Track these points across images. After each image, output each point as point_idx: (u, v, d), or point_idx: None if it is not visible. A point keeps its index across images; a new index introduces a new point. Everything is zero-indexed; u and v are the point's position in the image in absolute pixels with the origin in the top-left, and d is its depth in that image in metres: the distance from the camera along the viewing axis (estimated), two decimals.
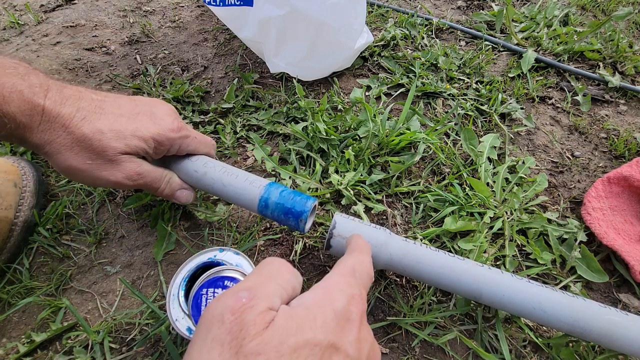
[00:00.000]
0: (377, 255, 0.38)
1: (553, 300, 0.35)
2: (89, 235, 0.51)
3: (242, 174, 0.42)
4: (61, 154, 0.35)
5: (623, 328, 0.34)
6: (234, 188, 0.41)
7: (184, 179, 0.44)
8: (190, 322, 0.33)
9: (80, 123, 0.35)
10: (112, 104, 0.39)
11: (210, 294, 0.32)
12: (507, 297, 0.36)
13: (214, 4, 0.63)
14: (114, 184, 0.38)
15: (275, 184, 0.41)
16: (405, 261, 0.38)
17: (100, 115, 0.37)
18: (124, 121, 0.38)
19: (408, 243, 0.39)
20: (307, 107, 0.61)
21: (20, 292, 0.46)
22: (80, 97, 0.37)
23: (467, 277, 0.37)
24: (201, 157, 0.44)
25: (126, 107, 0.39)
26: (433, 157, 0.58)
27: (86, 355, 0.40)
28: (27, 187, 0.51)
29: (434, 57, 0.72)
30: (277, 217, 0.40)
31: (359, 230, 0.39)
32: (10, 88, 0.32)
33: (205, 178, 0.42)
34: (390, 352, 0.41)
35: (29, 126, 0.33)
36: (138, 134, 0.38)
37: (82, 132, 0.35)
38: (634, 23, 0.83)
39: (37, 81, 0.34)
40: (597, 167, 0.58)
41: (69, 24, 0.88)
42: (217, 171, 0.42)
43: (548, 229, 0.49)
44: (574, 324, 0.35)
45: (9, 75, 0.32)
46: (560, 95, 0.69)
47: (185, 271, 0.36)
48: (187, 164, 0.43)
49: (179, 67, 0.75)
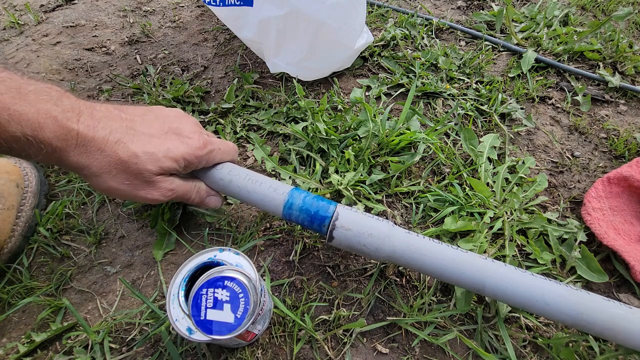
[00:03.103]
0: (379, 248, 0.38)
1: (556, 292, 0.35)
2: (89, 235, 0.51)
3: (266, 181, 0.43)
4: (100, 177, 0.37)
5: (627, 321, 0.34)
6: (258, 195, 0.42)
7: (211, 186, 0.45)
8: (190, 322, 0.33)
9: (115, 146, 0.37)
10: (142, 123, 0.40)
11: (210, 294, 0.32)
12: (510, 289, 0.36)
13: (214, 4, 0.63)
14: (150, 201, 0.41)
15: (298, 189, 0.42)
16: (408, 253, 0.38)
17: (133, 136, 0.38)
18: (156, 142, 0.39)
19: (411, 235, 0.39)
20: (307, 107, 0.61)
21: (20, 292, 0.46)
22: (110, 117, 0.38)
23: (470, 269, 0.37)
24: (225, 165, 0.45)
25: (155, 125, 0.41)
26: (433, 157, 0.58)
27: (86, 355, 0.40)
28: (29, 188, 0.51)
29: (434, 57, 0.72)
30: (301, 222, 0.42)
31: (362, 221, 0.39)
32: (45, 114, 0.33)
33: (231, 185, 0.44)
34: (390, 352, 0.41)
35: (65, 150, 0.35)
36: (170, 155, 0.39)
37: (118, 156, 0.37)
38: (634, 23, 0.83)
39: (69, 105, 0.35)
40: (597, 167, 0.58)
41: (69, 24, 0.88)
42: (241, 179, 0.43)
43: (548, 229, 0.49)
44: (577, 317, 0.34)
45: (43, 101, 0.33)
46: (560, 95, 0.69)
47: (185, 271, 0.36)
48: (213, 173, 0.44)
49: (179, 67, 0.75)
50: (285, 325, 0.42)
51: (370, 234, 0.38)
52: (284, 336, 0.42)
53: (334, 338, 0.42)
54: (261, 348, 0.41)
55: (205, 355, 0.40)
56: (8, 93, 0.31)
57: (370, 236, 0.38)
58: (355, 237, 0.39)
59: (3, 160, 0.53)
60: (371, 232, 0.38)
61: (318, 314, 0.43)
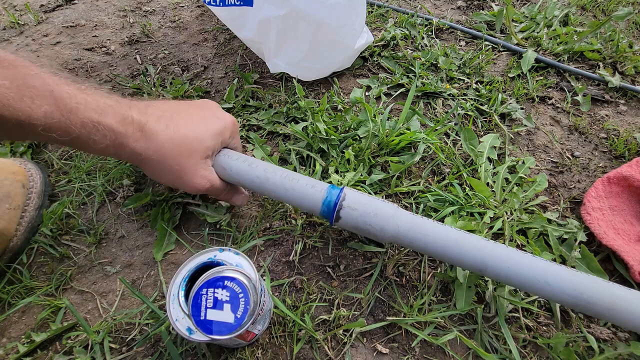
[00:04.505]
0: (384, 228, 0.39)
1: (557, 273, 0.36)
2: (89, 235, 0.51)
3: (303, 179, 0.43)
4: (154, 161, 0.40)
5: (627, 302, 0.34)
6: (296, 192, 0.43)
7: (245, 185, 0.46)
8: (190, 322, 0.33)
9: (166, 130, 0.40)
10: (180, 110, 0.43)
11: (210, 294, 0.32)
12: (512, 269, 0.36)
13: (214, 4, 0.63)
14: (191, 188, 0.42)
15: (335, 186, 0.43)
16: (412, 234, 0.39)
17: (178, 121, 0.41)
18: (198, 124, 0.42)
19: (415, 216, 0.40)
20: (307, 107, 0.61)
21: (20, 292, 0.46)
22: (154, 106, 0.42)
23: (473, 250, 0.37)
24: (260, 164, 0.45)
25: (191, 110, 0.44)
26: (433, 157, 0.58)
27: (86, 355, 0.41)
28: (33, 189, 0.52)
29: (434, 57, 0.72)
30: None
31: (368, 202, 0.41)
32: (104, 103, 0.37)
33: (267, 184, 0.44)
34: (390, 352, 0.41)
35: (126, 135, 0.38)
36: (210, 133, 0.43)
37: (170, 139, 0.40)
38: (634, 23, 0.83)
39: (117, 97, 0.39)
40: (597, 167, 0.58)
41: (69, 24, 0.88)
42: (278, 176, 0.44)
43: (548, 229, 0.49)
44: (578, 297, 0.35)
45: (98, 94, 0.38)
46: (560, 95, 0.69)
47: (185, 271, 0.36)
48: (248, 171, 0.45)
49: (179, 67, 0.75)
50: (285, 325, 0.42)
51: (376, 214, 0.40)
52: (284, 336, 0.42)
53: (334, 338, 0.42)
54: (261, 348, 0.41)
55: (205, 355, 0.40)
56: (73, 85, 0.36)
57: (375, 216, 0.40)
58: (361, 217, 0.40)
59: (9, 161, 0.53)
60: (376, 212, 0.40)
61: (318, 314, 0.43)
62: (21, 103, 0.31)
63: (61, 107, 0.34)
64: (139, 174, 0.57)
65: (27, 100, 0.32)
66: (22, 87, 0.32)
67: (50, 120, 0.33)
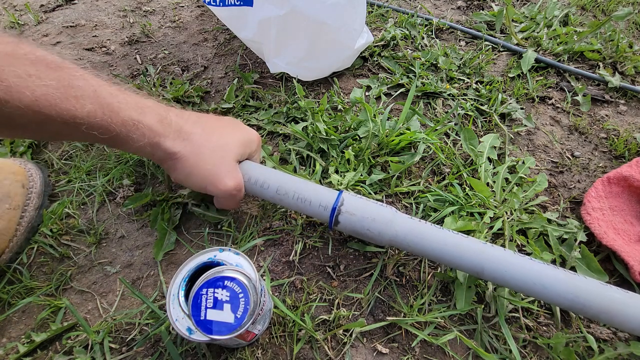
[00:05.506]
0: (383, 232, 0.40)
1: (553, 276, 0.36)
2: (89, 235, 0.51)
3: (314, 199, 0.43)
4: (189, 160, 0.41)
5: (623, 305, 0.34)
6: (309, 213, 0.44)
7: (266, 198, 0.46)
8: (190, 322, 0.33)
9: (203, 134, 0.42)
10: (212, 118, 0.46)
11: (210, 294, 0.32)
12: (509, 272, 0.37)
13: (214, 4, 0.63)
14: (223, 192, 0.43)
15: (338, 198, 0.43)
16: (410, 237, 0.40)
17: (213, 125, 0.44)
18: (227, 132, 0.45)
19: (413, 220, 0.41)
20: (307, 107, 0.61)
21: (20, 292, 0.46)
22: (190, 113, 0.44)
23: (470, 253, 0.38)
24: (271, 184, 0.45)
25: (219, 122, 0.46)
26: (433, 157, 0.58)
27: (86, 355, 0.41)
28: (33, 189, 0.52)
29: (434, 57, 0.72)
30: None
31: (366, 206, 0.41)
32: (144, 104, 0.39)
33: (281, 203, 0.45)
34: (390, 352, 0.41)
35: (164, 135, 0.39)
36: (239, 142, 0.45)
37: (206, 142, 0.42)
38: (634, 23, 0.83)
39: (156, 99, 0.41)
40: (597, 167, 0.58)
41: (69, 24, 0.88)
42: (289, 198, 0.44)
43: (548, 229, 0.49)
44: (574, 300, 0.35)
45: (136, 95, 0.40)
46: (560, 95, 0.69)
47: (185, 271, 0.36)
48: (263, 192, 0.45)
49: (179, 67, 0.75)
50: (285, 325, 0.42)
51: (374, 219, 0.40)
52: (284, 336, 0.42)
53: (334, 338, 0.42)
54: (261, 348, 0.41)
55: (205, 355, 0.40)
56: (114, 86, 0.38)
57: (373, 221, 0.40)
58: (359, 221, 0.40)
59: (9, 161, 0.53)
60: (374, 217, 0.40)
61: (318, 314, 0.43)
62: (67, 103, 0.33)
63: (104, 106, 0.35)
64: (139, 174, 0.57)
65: (72, 100, 0.33)
66: (67, 87, 0.33)
67: (94, 119, 0.34)
